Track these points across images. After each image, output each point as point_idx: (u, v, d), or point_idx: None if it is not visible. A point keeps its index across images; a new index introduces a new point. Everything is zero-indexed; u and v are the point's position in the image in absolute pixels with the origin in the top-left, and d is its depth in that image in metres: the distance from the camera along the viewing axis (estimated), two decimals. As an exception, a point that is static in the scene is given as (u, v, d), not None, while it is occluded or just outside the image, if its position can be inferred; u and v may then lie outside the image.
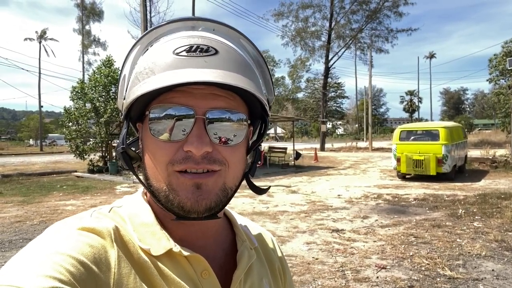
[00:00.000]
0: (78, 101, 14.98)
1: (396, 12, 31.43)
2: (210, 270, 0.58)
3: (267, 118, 0.64)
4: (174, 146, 0.54)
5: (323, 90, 33.60)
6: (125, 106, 0.58)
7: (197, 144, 0.52)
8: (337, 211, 7.58)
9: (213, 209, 0.55)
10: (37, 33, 48.89)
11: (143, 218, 0.58)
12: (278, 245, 0.80)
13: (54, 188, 11.43)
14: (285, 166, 17.41)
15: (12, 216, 7.35)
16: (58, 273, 0.43)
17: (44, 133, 51.86)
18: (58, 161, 22.94)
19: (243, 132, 0.57)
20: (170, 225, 0.59)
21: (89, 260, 0.47)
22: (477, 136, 40.89)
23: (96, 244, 0.50)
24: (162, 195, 0.55)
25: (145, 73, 0.54)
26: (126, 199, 0.63)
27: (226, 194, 0.57)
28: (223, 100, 0.55)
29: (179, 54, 0.53)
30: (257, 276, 0.65)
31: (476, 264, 4.45)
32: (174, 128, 0.53)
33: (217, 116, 0.54)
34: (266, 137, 33.56)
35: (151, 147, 0.56)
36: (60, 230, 0.52)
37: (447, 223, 6.36)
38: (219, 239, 0.65)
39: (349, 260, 4.66)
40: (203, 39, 0.54)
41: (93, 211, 0.58)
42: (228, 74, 0.52)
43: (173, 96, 0.54)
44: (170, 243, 0.56)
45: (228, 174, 0.56)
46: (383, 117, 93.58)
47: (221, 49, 0.54)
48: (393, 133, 13.21)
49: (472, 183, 11.21)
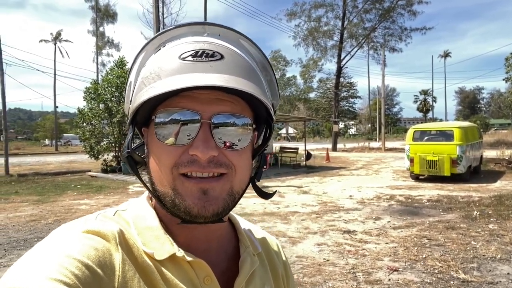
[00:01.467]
0: (91, 102, 15.19)
1: (410, 11, 31.01)
2: (212, 276, 0.58)
3: (272, 123, 0.64)
4: (180, 150, 0.54)
5: (335, 89, 33.39)
6: (131, 111, 0.58)
7: (202, 148, 0.52)
8: (348, 212, 7.52)
9: (220, 214, 0.55)
10: (52, 35, 49.79)
11: (148, 222, 0.58)
12: (282, 250, 0.79)
13: (68, 187, 11.62)
14: (297, 166, 17.35)
15: (27, 215, 7.49)
16: (63, 275, 0.43)
17: (59, 133, 52.73)
18: (73, 161, 23.32)
19: (248, 137, 0.57)
20: (174, 229, 0.59)
21: (94, 263, 0.48)
22: (493, 136, 40.11)
23: (101, 247, 0.50)
24: (168, 200, 0.55)
25: (152, 78, 0.54)
26: (131, 203, 0.64)
27: (233, 199, 0.57)
28: (229, 104, 0.55)
29: (185, 59, 0.53)
30: (259, 282, 0.65)
31: (491, 267, 4.37)
32: (179, 132, 0.54)
33: (222, 120, 0.54)
34: (277, 137, 33.63)
35: (156, 151, 0.56)
36: (65, 232, 0.52)
37: (461, 225, 6.26)
38: (223, 243, 0.65)
39: (360, 262, 4.62)
40: (208, 44, 0.55)
41: (98, 214, 0.59)
42: (234, 79, 0.53)
43: (179, 101, 0.54)
44: (174, 248, 0.56)
45: (235, 178, 0.56)
46: (396, 117, 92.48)
47: (226, 54, 0.55)
48: (406, 133, 13.04)
49: (487, 184, 11.01)
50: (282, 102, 68.09)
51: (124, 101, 0.63)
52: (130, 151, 0.59)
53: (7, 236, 5.98)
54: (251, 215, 7.20)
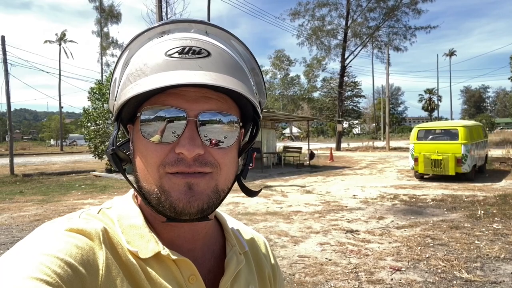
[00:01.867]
0: (96, 102, 15.27)
1: (415, 10, 30.86)
2: (197, 275, 0.57)
3: (259, 121, 0.64)
4: (166, 148, 0.53)
5: (339, 89, 33.31)
6: (116, 108, 0.57)
7: (188, 146, 0.52)
8: (352, 212, 7.50)
9: (205, 210, 0.54)
10: (57, 36, 50.10)
11: (132, 220, 0.58)
12: (271, 250, 0.79)
13: (73, 187, 11.68)
14: (300, 166, 17.32)
15: (31, 215, 7.54)
16: (44, 274, 0.43)
17: (65, 134, 53.09)
18: (78, 160, 23.44)
19: (235, 134, 0.57)
20: (160, 227, 0.59)
21: (76, 262, 0.47)
22: (498, 135, 39.82)
23: (84, 245, 0.50)
24: (153, 197, 0.54)
25: (137, 74, 0.53)
26: (116, 201, 0.63)
27: (218, 196, 0.56)
28: (215, 102, 0.55)
29: (171, 55, 0.52)
30: (244, 282, 0.64)
31: (495, 266, 4.33)
32: (165, 130, 0.53)
33: (208, 118, 0.54)
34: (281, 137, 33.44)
35: (142, 149, 0.55)
36: (47, 230, 0.51)
37: (465, 225, 6.22)
38: (209, 242, 0.65)
39: (363, 261, 4.60)
40: (195, 41, 0.54)
41: (82, 212, 0.58)
42: (220, 76, 0.52)
43: (165, 99, 0.54)
44: (159, 246, 0.55)
45: (220, 176, 0.56)
46: (401, 116, 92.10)
47: (213, 51, 0.54)
48: (411, 132, 12.98)
49: (492, 184, 10.93)
50: (286, 101, 68.06)
51: (109, 98, 0.62)
52: (114, 148, 0.58)
53: (11, 235, 6.01)
54: (253, 214, 7.20)
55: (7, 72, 15.87)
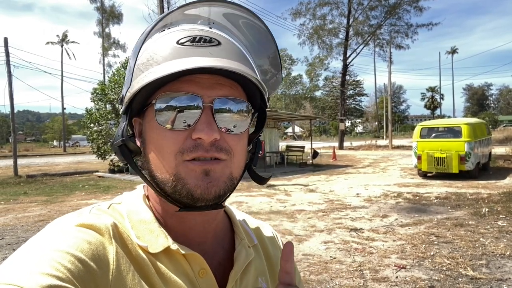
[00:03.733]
0: (98, 103, 15.30)
1: (417, 7, 30.71)
2: (207, 269, 0.57)
3: (266, 110, 0.64)
4: (182, 135, 0.53)
5: (341, 88, 33.26)
6: (128, 98, 0.56)
7: (207, 130, 0.52)
8: (355, 210, 7.49)
9: (221, 197, 0.55)
10: (58, 37, 50.23)
11: (142, 215, 0.58)
12: (278, 236, 0.79)
13: (76, 188, 11.71)
14: (303, 165, 17.30)
15: (35, 216, 7.56)
16: (56, 270, 0.43)
17: (68, 135, 53.24)
18: (81, 161, 23.51)
19: (247, 122, 0.58)
20: (169, 222, 0.59)
21: (87, 257, 0.47)
22: (502, 132, 39.68)
23: (95, 240, 0.50)
24: (168, 186, 0.54)
25: (149, 64, 0.54)
26: (126, 196, 0.63)
27: (232, 183, 0.57)
28: (228, 89, 0.56)
29: (184, 44, 0.53)
30: (253, 274, 0.64)
31: (500, 264, 4.32)
32: (181, 117, 0.53)
33: (223, 105, 0.55)
34: (284, 136, 33.51)
35: (157, 137, 0.55)
36: (58, 226, 0.52)
37: (470, 222, 6.19)
38: (219, 235, 0.65)
39: (367, 259, 4.59)
40: (203, 31, 0.55)
41: (92, 207, 0.58)
42: (233, 63, 0.53)
43: (180, 86, 0.54)
44: (168, 241, 0.55)
45: (234, 164, 0.56)
46: (404, 115, 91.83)
47: (222, 41, 0.55)
48: (414, 130, 12.94)
49: (496, 181, 10.88)
50: (288, 101, 68.04)
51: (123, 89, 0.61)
52: (125, 139, 0.57)
53: (16, 236, 6.04)
54: (257, 213, 7.19)
55: (10, 74, 15.93)
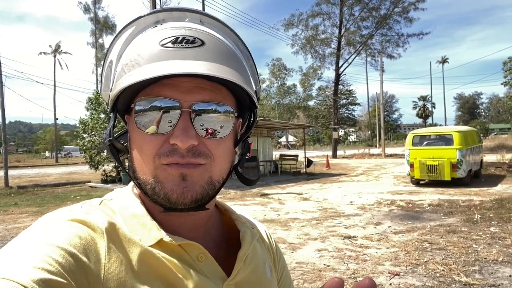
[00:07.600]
0: (93, 112, 15.24)
1: (407, 18, 31.26)
2: (206, 253, 0.57)
3: (256, 110, 0.63)
4: (161, 139, 0.53)
5: (334, 97, 33.50)
6: (111, 98, 0.57)
7: (182, 137, 0.52)
8: (349, 218, 7.48)
9: (199, 201, 0.54)
10: (51, 47, 50.08)
11: (133, 210, 0.58)
12: (271, 235, 0.79)
13: (68, 198, 11.58)
14: (297, 174, 17.32)
15: (26, 226, 7.36)
16: (47, 264, 0.43)
17: (60, 145, 52.74)
18: (73, 172, 23.27)
19: (230, 124, 0.57)
20: (160, 217, 0.58)
21: (78, 251, 0.47)
22: (493, 140, 40.11)
23: (86, 235, 0.50)
24: (148, 188, 0.54)
25: (131, 65, 0.54)
26: (117, 192, 0.63)
27: (213, 187, 0.56)
28: (209, 93, 0.55)
29: (165, 45, 0.52)
30: (261, 258, 0.65)
31: (493, 270, 4.33)
32: (160, 120, 0.53)
33: (204, 107, 0.54)
34: (277, 145, 33.46)
35: (137, 140, 0.55)
36: (50, 221, 0.51)
37: (462, 229, 6.22)
38: (210, 231, 0.65)
39: (361, 267, 4.58)
40: (190, 30, 0.54)
41: (83, 203, 0.58)
42: (215, 66, 0.52)
43: (159, 89, 0.54)
44: (161, 233, 0.55)
45: (214, 168, 0.56)
46: (396, 123, 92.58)
47: (208, 41, 0.54)
48: (406, 139, 13.04)
49: (488, 188, 10.97)
50: (281, 110, 68.25)
51: (103, 86, 0.61)
52: (111, 139, 0.58)
53: (6, 247, 5.94)
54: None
55: (2, 84, 15.83)
